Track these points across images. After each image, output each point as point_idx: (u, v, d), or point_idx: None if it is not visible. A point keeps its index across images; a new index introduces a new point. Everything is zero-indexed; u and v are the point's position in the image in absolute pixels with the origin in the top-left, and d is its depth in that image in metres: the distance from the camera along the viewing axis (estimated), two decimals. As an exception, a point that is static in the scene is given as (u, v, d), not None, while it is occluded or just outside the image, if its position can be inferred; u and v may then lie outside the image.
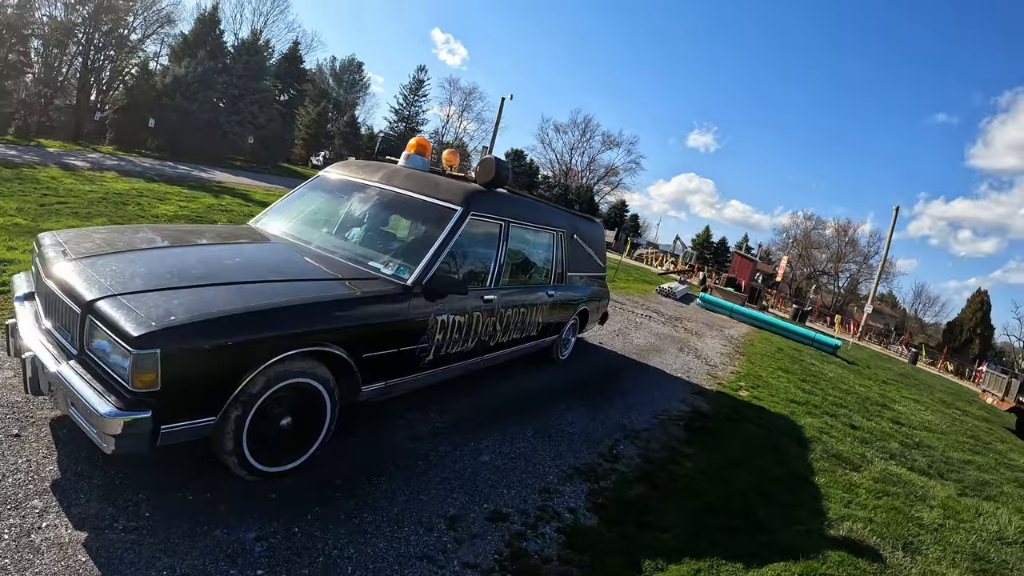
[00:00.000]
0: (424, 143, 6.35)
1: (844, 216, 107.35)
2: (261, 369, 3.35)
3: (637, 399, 7.56)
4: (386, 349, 4.33)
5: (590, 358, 9.04)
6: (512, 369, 7.11)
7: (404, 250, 5.03)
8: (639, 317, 15.03)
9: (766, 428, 7.84)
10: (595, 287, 8.72)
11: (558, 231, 7.28)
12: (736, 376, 10.91)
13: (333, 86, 69.60)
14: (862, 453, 8.07)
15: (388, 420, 5.06)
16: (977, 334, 67.09)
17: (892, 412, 12.61)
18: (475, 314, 5.32)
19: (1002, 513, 7.46)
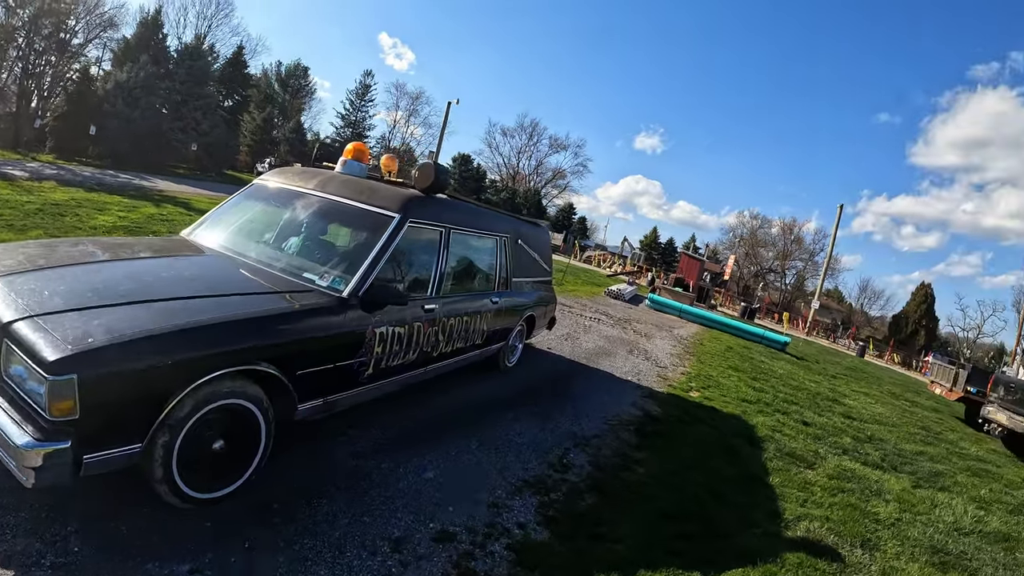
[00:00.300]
0: (362, 148, 6.15)
1: (790, 215, 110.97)
2: (188, 391, 3.19)
3: (587, 405, 7.45)
4: (322, 365, 4.15)
5: (538, 364, 8.90)
6: (458, 379, 6.91)
7: (340, 260, 4.84)
8: (588, 320, 14.97)
9: (718, 429, 7.82)
10: (541, 292, 8.61)
11: (501, 236, 7.15)
12: (687, 377, 10.92)
13: (279, 91, 68.47)
14: (815, 450, 8.10)
15: (328, 437, 4.83)
16: (922, 326, 69.21)
17: (843, 407, 12.79)
18: (416, 325, 5.14)
19: (957, 503, 7.57)
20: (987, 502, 8.20)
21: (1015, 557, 6.38)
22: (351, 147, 6.13)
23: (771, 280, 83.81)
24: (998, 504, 8.27)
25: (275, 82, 68.79)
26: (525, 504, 4.60)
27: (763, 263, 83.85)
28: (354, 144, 6.18)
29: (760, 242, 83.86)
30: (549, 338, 10.69)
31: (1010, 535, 7.00)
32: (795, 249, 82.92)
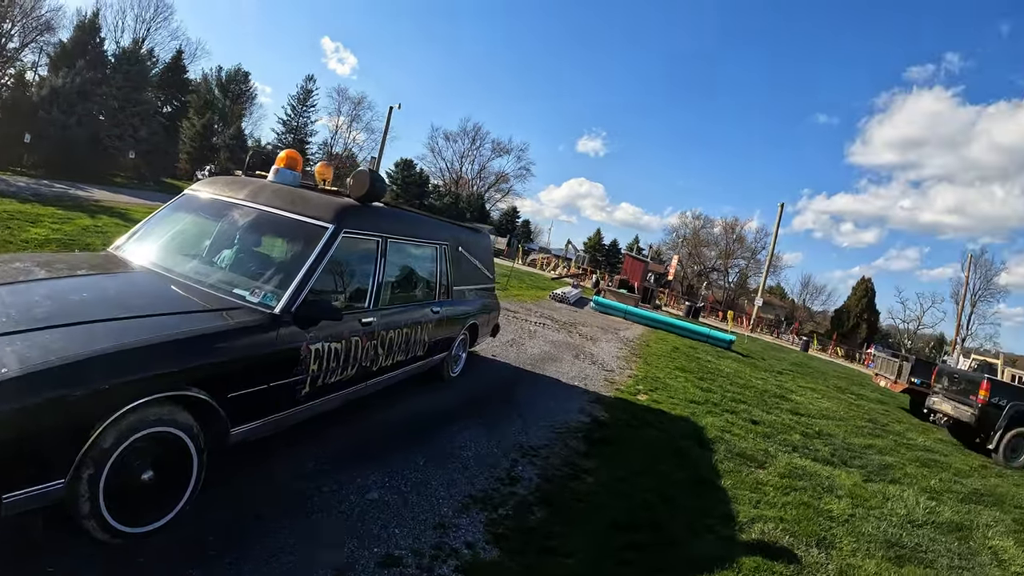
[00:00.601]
0: (295, 155, 5.88)
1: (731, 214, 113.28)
2: (111, 421, 3.00)
3: (534, 413, 7.28)
4: (255, 386, 3.94)
5: (483, 373, 8.71)
6: (401, 392, 6.68)
7: (272, 275, 4.61)
8: (533, 325, 14.83)
9: (667, 432, 7.74)
10: (484, 299, 8.47)
11: (441, 244, 6.97)
12: (634, 380, 10.86)
13: (219, 97, 66.31)
14: (765, 448, 8.09)
15: (266, 460, 4.57)
16: (864, 319, 71.26)
17: (790, 403, 12.93)
18: (354, 339, 4.95)
19: (908, 495, 7.65)
20: (938, 492, 8.32)
21: (969, 546, 6.46)
22: (283, 155, 5.85)
23: (714, 279, 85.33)
24: (948, 494, 8.41)
25: (215, 87, 66.96)
26: (473, 522, 4.41)
27: (706, 262, 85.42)
28: (286, 151, 5.91)
29: (703, 242, 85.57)
30: (494, 345, 10.52)
31: (963, 524, 7.10)
32: (737, 248, 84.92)
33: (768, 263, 50.58)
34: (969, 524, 7.18)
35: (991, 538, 6.88)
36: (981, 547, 6.54)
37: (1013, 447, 12.41)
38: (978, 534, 6.91)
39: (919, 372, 17.66)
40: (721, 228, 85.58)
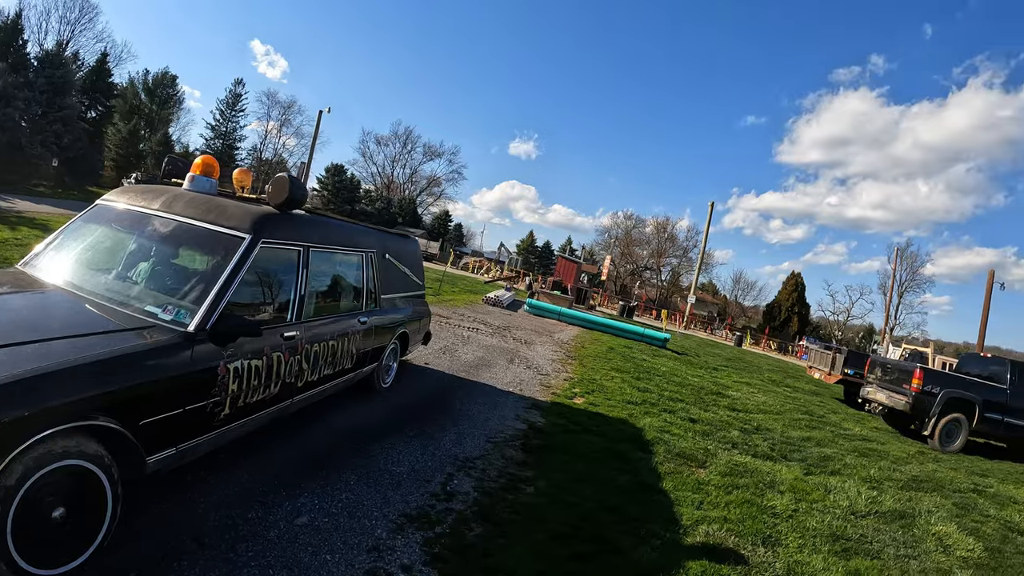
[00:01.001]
0: (211, 162, 5.55)
1: (663, 214, 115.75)
2: (13, 456, 2.80)
3: (469, 423, 7.09)
4: (169, 411, 3.69)
5: (416, 382, 8.48)
6: (329, 406, 6.44)
7: (186, 290, 4.34)
8: (466, 330, 14.62)
9: (605, 436, 7.64)
10: (414, 307, 8.29)
11: (367, 252, 6.75)
12: (570, 383, 10.77)
13: (145, 101, 64.44)
14: (705, 447, 8.07)
15: (189, 487, 4.28)
16: (795, 312, 73.34)
17: (728, 399, 13.06)
18: (275, 355, 4.72)
19: (849, 486, 7.74)
20: (878, 481, 8.47)
21: (913, 534, 6.55)
22: (199, 161, 5.52)
23: (647, 277, 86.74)
24: (888, 482, 8.57)
25: (142, 92, 65.14)
26: (409, 543, 4.19)
27: (639, 261, 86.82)
28: (202, 157, 5.57)
29: (635, 241, 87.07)
30: (426, 353, 10.29)
31: (905, 512, 7.22)
32: (669, 246, 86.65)
33: (700, 261, 51.47)
34: (911, 512, 7.30)
35: (934, 524, 7.00)
36: (925, 534, 6.63)
37: (947, 432, 12.90)
38: (921, 521, 7.02)
39: (852, 363, 18.20)
40: (653, 227, 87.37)
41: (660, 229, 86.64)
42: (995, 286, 35.17)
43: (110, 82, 50.29)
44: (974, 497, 8.85)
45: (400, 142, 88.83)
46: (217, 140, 67.62)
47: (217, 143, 67.15)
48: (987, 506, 8.48)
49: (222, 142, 67.22)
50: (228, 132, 68.53)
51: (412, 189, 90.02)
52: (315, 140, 54.79)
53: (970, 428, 13.06)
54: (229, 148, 67.16)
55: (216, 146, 66.75)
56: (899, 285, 70.50)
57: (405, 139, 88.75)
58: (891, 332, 66.04)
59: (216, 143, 67.19)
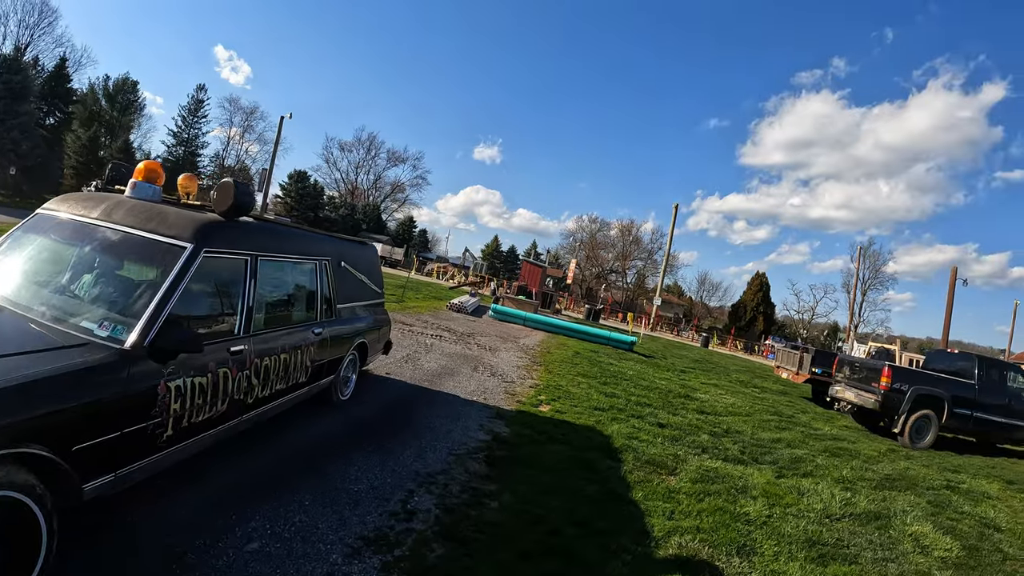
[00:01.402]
0: (154, 167, 5.24)
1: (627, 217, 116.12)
2: None
3: (431, 435, 6.83)
4: (105, 435, 3.42)
5: (376, 393, 8.21)
6: (284, 422, 6.17)
7: (123, 303, 4.07)
8: (430, 338, 14.33)
9: (573, 444, 7.42)
10: (373, 316, 8.05)
11: (321, 259, 6.50)
12: (535, 390, 10.55)
13: (106, 108, 63.64)
14: (675, 453, 7.91)
15: (135, 513, 3.99)
16: (760, 312, 74.23)
17: (696, 402, 12.96)
18: (222, 371, 4.45)
19: (823, 488, 7.65)
20: (851, 481, 8.42)
21: (890, 535, 6.48)
22: (142, 166, 5.21)
23: (613, 280, 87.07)
24: (862, 482, 8.52)
25: (102, 98, 64.20)
26: (366, 568, 3.93)
27: (604, 264, 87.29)
28: (145, 163, 5.27)
29: (600, 244, 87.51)
30: (387, 362, 10.00)
31: (880, 513, 7.16)
32: (634, 249, 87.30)
33: (665, 263, 51.71)
34: (887, 512, 7.24)
35: (910, 524, 6.96)
36: (902, 535, 6.57)
37: (917, 429, 12.98)
38: (897, 521, 6.98)
39: (819, 362, 18.29)
40: (618, 230, 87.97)
41: (625, 232, 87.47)
42: (958, 282, 35.77)
43: (69, 88, 49.65)
44: (948, 494, 8.87)
45: (364, 148, 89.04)
46: (179, 147, 67.32)
47: (179, 150, 66.88)
48: (961, 503, 8.50)
49: (184, 149, 66.98)
50: (190, 139, 68.23)
51: (376, 195, 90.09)
52: (277, 146, 54.19)
53: (940, 424, 13.15)
54: (191, 155, 66.90)
55: (178, 153, 66.45)
56: (862, 283, 71.63)
57: (369, 145, 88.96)
58: (855, 329, 66.98)
59: (178, 150, 66.90)
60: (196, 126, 68.98)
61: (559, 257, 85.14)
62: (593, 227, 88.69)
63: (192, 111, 68.40)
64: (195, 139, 68.92)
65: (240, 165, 77.67)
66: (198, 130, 69.26)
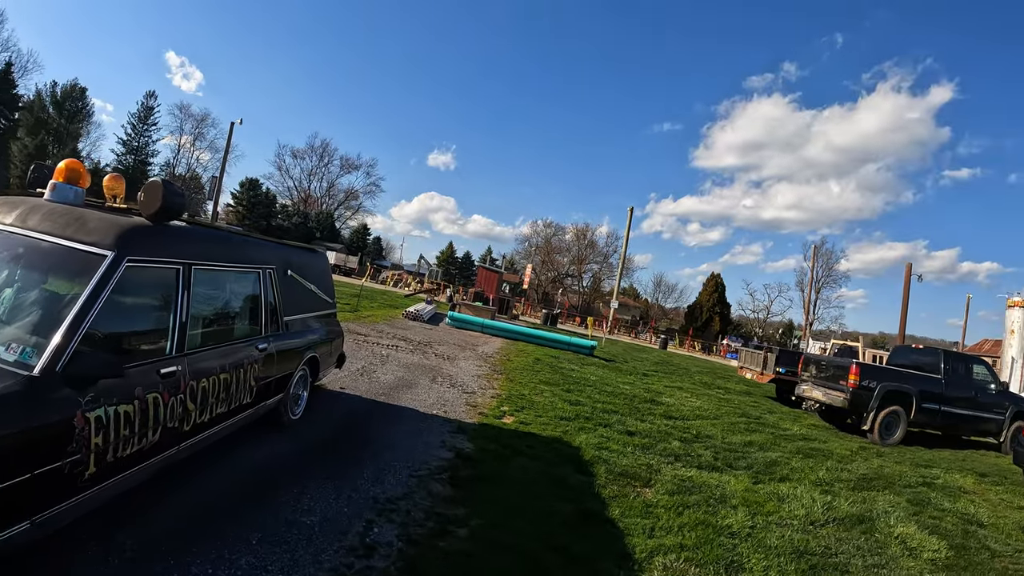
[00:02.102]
0: (76, 167, 4.65)
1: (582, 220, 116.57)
2: None
3: (390, 454, 6.36)
4: (14, 477, 2.92)
5: (330, 411, 7.71)
6: (228, 448, 5.63)
7: (34, 322, 3.53)
8: (386, 348, 13.82)
9: (541, 459, 7.03)
10: (324, 328, 7.57)
11: (265, 268, 5.99)
12: (497, 400, 10.15)
13: (53, 115, 62.14)
14: (647, 463, 7.58)
15: (58, 556, 3.47)
16: (716, 312, 75.07)
17: (662, 407, 12.70)
18: (151, 396, 3.93)
19: (802, 492, 7.46)
20: (828, 483, 8.24)
21: (876, 539, 6.31)
22: (62, 166, 4.61)
23: (569, 284, 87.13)
24: (839, 483, 8.37)
25: (49, 104, 62.64)
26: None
27: (560, 269, 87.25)
28: (67, 162, 4.68)
29: (555, 249, 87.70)
30: (342, 376, 9.52)
31: (863, 516, 6.98)
32: (589, 253, 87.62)
33: (621, 266, 51.68)
34: (869, 514, 7.09)
35: (894, 526, 6.82)
36: (888, 538, 6.42)
37: (887, 425, 12.97)
38: (881, 524, 6.83)
39: (784, 361, 18.26)
40: (573, 234, 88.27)
41: (580, 236, 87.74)
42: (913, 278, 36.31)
43: (15, 94, 48.40)
44: (925, 491, 8.80)
45: (317, 155, 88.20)
46: (129, 155, 66.46)
47: (129, 158, 65.96)
48: (940, 499, 8.43)
49: (134, 157, 66.16)
50: (140, 147, 67.43)
51: (330, 203, 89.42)
52: (227, 153, 53.18)
53: (908, 420, 13.12)
54: (141, 164, 66.15)
55: (128, 162, 65.45)
56: (816, 281, 72.49)
57: (322, 152, 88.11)
58: (810, 327, 67.88)
59: (128, 159, 65.95)
60: (146, 134, 68.22)
61: (515, 262, 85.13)
62: (548, 232, 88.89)
63: (142, 118, 67.47)
64: (145, 147, 68.12)
65: (191, 173, 76.75)
66: (148, 138, 68.57)
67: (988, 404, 14.47)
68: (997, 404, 14.65)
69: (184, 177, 75.44)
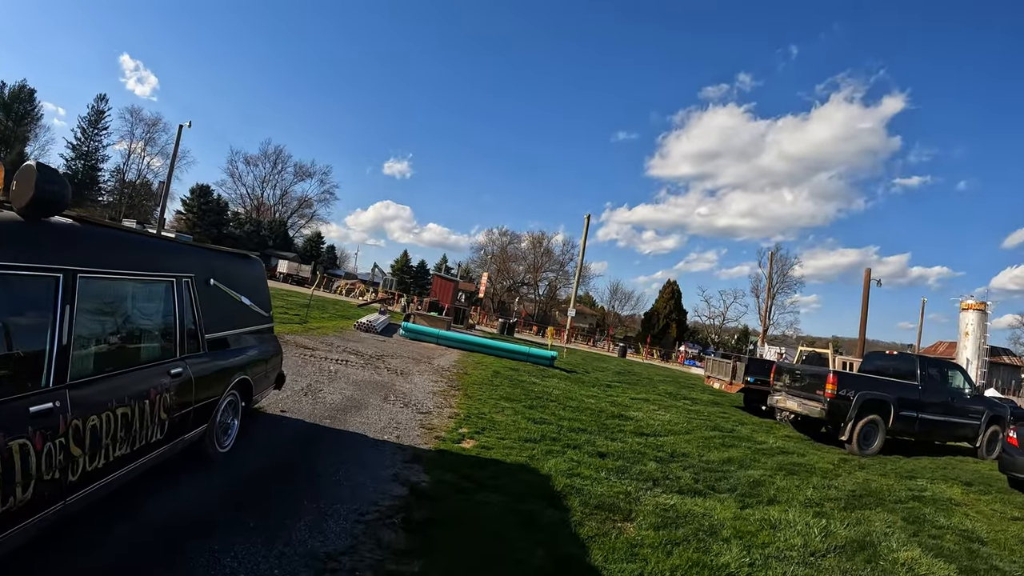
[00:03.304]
0: None
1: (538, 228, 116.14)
2: None
3: (333, 494, 5.44)
4: None
5: (266, 439, 6.79)
6: (136, 492, 4.68)
7: None
8: (334, 363, 12.85)
9: (507, 491, 6.17)
10: (258, 345, 6.69)
11: (180, 277, 5.06)
12: (455, 421, 9.27)
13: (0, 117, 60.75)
14: (625, 491, 6.81)
15: None
16: (672, 319, 75.25)
17: (631, 422, 11.99)
18: (15, 445, 3.03)
19: (794, 516, 6.93)
20: (819, 504, 7.73)
21: (882, 567, 5.85)
22: None
23: (525, 292, 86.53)
24: (830, 504, 7.88)
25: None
26: None
27: (516, 277, 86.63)
28: None
29: (511, 257, 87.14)
30: (283, 397, 8.58)
31: (863, 541, 6.49)
32: (545, 261, 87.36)
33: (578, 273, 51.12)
34: (869, 539, 6.56)
35: (897, 550, 6.35)
36: (894, 565, 5.93)
37: (865, 435, 12.56)
38: (883, 548, 6.34)
39: (753, 370, 17.67)
40: (529, 243, 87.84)
41: (536, 244, 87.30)
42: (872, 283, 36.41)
43: None
44: (917, 506, 8.41)
45: (270, 161, 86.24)
46: (78, 160, 65.36)
47: (78, 164, 64.81)
48: (935, 515, 8.04)
49: (84, 163, 65.16)
50: (90, 152, 66.22)
51: (283, 211, 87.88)
52: (175, 156, 51.69)
53: (887, 428, 12.67)
54: (91, 169, 65.00)
55: (77, 167, 64.39)
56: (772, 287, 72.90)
57: (275, 158, 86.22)
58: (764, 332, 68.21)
59: (77, 164, 64.81)
60: (96, 138, 66.90)
61: (470, 271, 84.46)
62: (504, 240, 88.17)
63: (92, 123, 66.15)
64: (95, 152, 66.85)
65: (142, 180, 75.08)
66: (98, 143, 67.24)
67: (964, 409, 14.21)
68: (973, 409, 14.40)
69: (134, 183, 73.91)
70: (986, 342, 36.24)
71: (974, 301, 36.04)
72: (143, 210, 71.28)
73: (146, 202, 73.07)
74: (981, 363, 35.45)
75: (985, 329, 35.30)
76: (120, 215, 62.75)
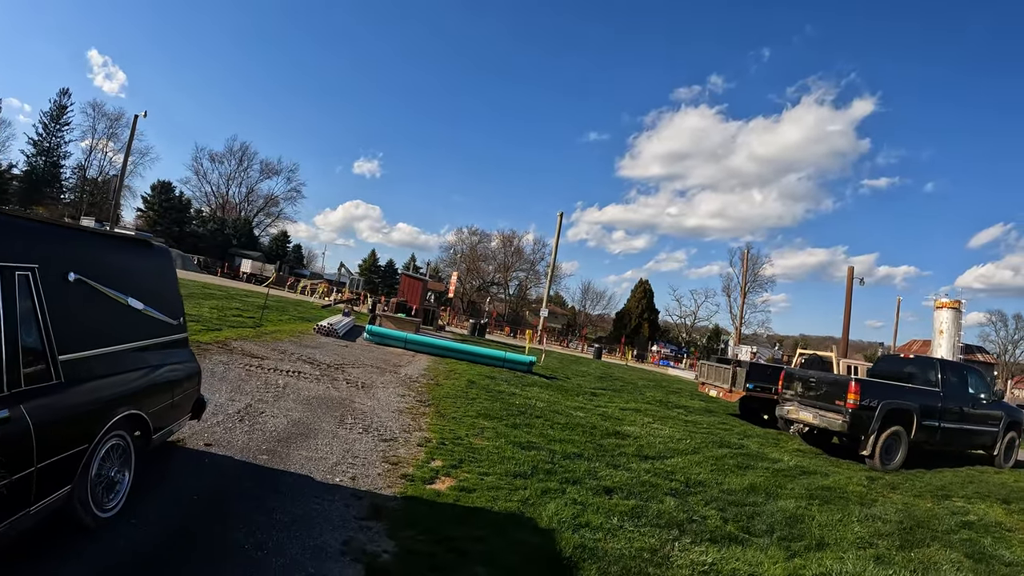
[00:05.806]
0: None
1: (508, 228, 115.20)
2: None
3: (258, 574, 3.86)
4: None
5: (175, 490, 5.07)
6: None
7: None
8: (284, 375, 11.03)
9: (499, 562, 4.53)
10: (159, 365, 4.99)
11: (15, 269, 3.38)
12: (427, 451, 7.56)
13: None
14: (649, 546, 5.29)
15: None
16: (645, 319, 74.69)
17: (630, 441, 10.47)
18: None
19: (855, 569, 5.66)
20: (871, 543, 6.57)
21: None
22: None
23: (495, 293, 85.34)
24: (883, 542, 6.69)
25: None
26: None
27: (486, 277, 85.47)
28: None
29: (481, 256, 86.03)
30: (212, 424, 6.90)
31: None
32: (516, 260, 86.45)
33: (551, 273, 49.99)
34: None
35: None
36: None
37: (887, 448, 11.25)
38: None
39: (754, 377, 16.18)
40: (499, 242, 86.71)
41: (506, 243, 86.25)
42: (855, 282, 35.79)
43: None
44: (973, 536, 7.39)
45: (236, 159, 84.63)
46: (39, 157, 63.68)
47: (39, 160, 63.22)
48: (992, 547, 7.04)
49: (45, 159, 63.49)
50: (52, 148, 64.43)
51: (248, 209, 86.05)
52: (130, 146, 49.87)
53: (909, 439, 11.36)
54: (53, 166, 63.37)
55: (38, 164, 62.91)
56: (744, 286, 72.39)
57: (241, 156, 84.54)
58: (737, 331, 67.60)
59: (38, 160, 63.21)
60: (58, 134, 64.94)
61: (439, 270, 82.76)
62: (474, 239, 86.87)
63: (54, 118, 64.14)
64: (57, 148, 64.88)
65: (103, 176, 72.61)
66: (60, 139, 65.31)
67: (983, 416, 13.01)
68: (992, 416, 13.21)
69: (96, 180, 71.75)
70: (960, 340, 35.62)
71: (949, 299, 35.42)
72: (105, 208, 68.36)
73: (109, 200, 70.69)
74: (956, 361, 35.05)
75: (960, 327, 34.57)
76: (80, 213, 60.69)
